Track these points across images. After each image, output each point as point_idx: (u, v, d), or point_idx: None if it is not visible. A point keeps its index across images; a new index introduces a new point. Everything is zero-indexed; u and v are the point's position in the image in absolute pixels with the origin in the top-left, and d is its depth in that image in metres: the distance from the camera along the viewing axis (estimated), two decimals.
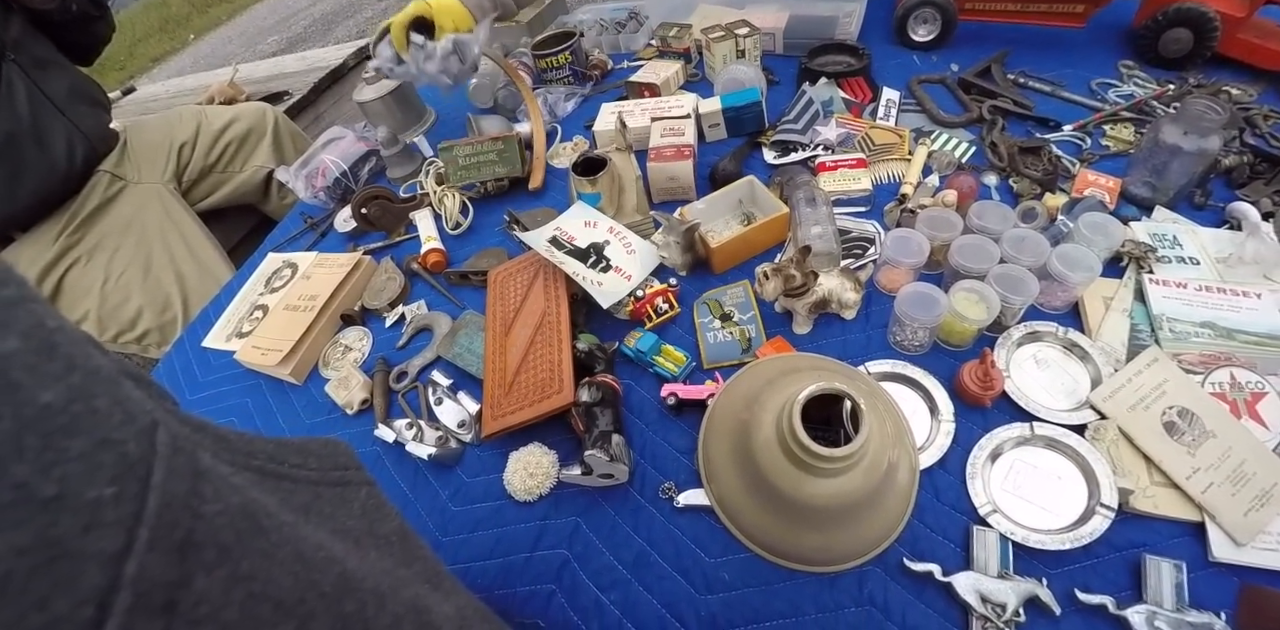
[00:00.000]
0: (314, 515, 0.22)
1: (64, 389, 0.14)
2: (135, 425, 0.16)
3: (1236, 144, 0.74)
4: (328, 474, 0.24)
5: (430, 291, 0.75)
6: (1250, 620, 0.43)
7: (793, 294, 0.59)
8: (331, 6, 5.00)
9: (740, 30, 0.92)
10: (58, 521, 0.13)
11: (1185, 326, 0.57)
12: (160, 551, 0.14)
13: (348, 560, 0.21)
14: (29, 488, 0.13)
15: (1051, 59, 0.91)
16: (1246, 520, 0.47)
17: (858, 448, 0.40)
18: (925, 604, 0.45)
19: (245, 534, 0.17)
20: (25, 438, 0.13)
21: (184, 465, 0.16)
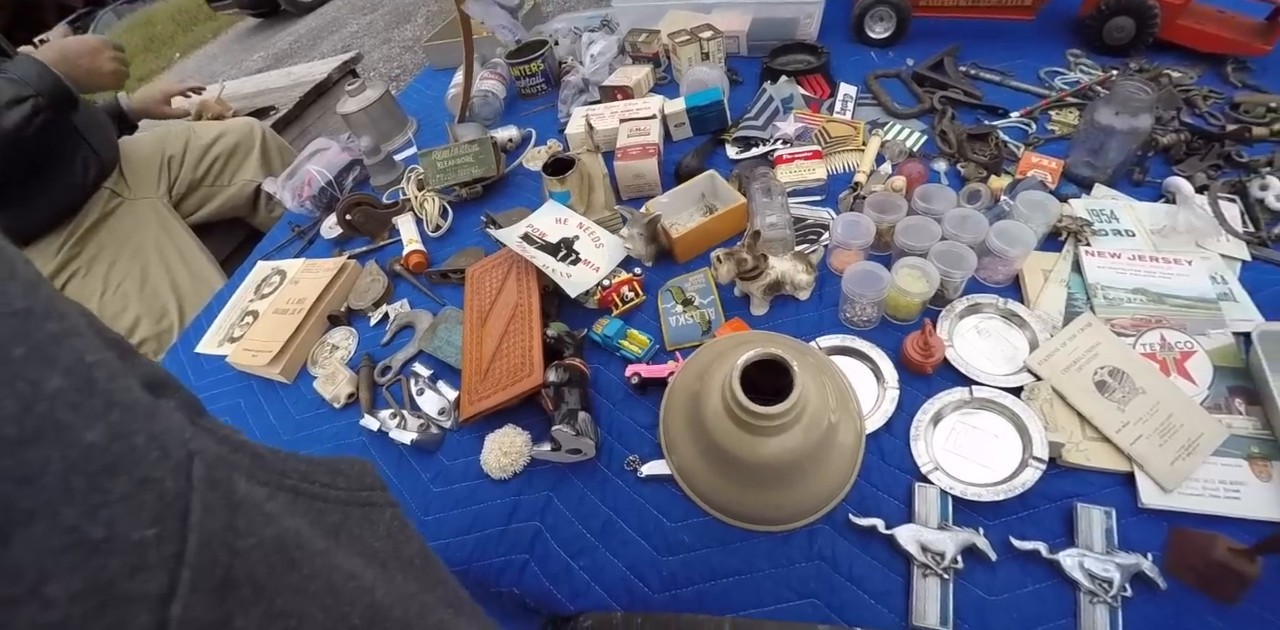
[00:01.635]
0: (344, 536, 0.23)
1: (105, 427, 0.15)
2: (171, 460, 0.16)
3: (1175, 123, 0.80)
4: (355, 494, 0.25)
5: (412, 291, 0.81)
6: (1176, 559, 0.47)
7: (747, 277, 0.64)
8: (317, 22, 5.15)
9: (704, 34, 0.98)
10: (107, 565, 0.13)
11: (1118, 293, 0.62)
12: (202, 592, 0.15)
13: (376, 589, 0.21)
14: (80, 531, 0.13)
15: (1003, 50, 0.97)
16: (1173, 468, 0.51)
17: (791, 405, 0.44)
18: (870, 556, 0.50)
19: (278, 568, 0.18)
20: (73, 480, 0.13)
21: (219, 499, 0.17)
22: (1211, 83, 0.88)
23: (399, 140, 1.02)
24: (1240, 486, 0.51)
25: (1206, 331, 0.59)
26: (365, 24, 4.60)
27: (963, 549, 0.48)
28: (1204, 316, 0.60)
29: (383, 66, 3.63)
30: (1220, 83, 0.88)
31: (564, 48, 1.15)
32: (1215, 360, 0.57)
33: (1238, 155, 0.76)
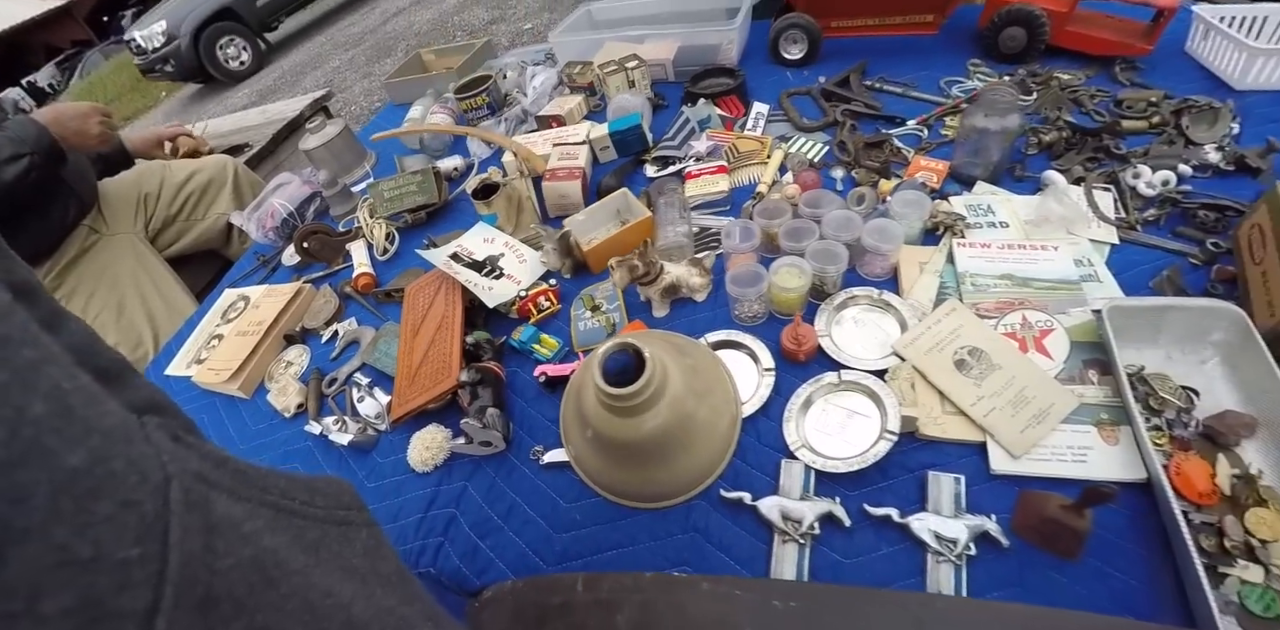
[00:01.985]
0: (323, 552, 0.23)
1: (86, 452, 0.15)
2: (150, 484, 0.16)
3: (1060, 121, 0.85)
4: (333, 513, 0.25)
5: (360, 310, 0.89)
6: (1021, 520, 0.52)
7: (644, 282, 0.70)
8: (301, 58, 5.43)
9: (630, 64, 1.08)
10: (96, 582, 0.14)
11: (986, 280, 0.67)
12: (184, 609, 0.15)
13: (354, 605, 0.22)
14: (70, 550, 0.14)
15: (909, 63, 1.05)
16: (1023, 436, 0.55)
17: (642, 385, 0.51)
18: (739, 526, 0.54)
19: (257, 587, 0.18)
20: (61, 501, 0.14)
21: (197, 521, 0.17)
22: (1102, 83, 0.94)
23: (358, 173, 1.12)
24: (1088, 451, 0.55)
25: (1067, 310, 0.64)
26: (347, 60, 4.85)
27: (820, 516, 0.53)
28: (1066, 297, 0.65)
29: (363, 100, 3.83)
30: (1110, 82, 0.94)
31: (511, 81, 1.25)
32: (1073, 336, 0.62)
33: (1116, 148, 0.81)
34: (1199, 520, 0.51)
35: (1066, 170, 0.80)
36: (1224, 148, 0.79)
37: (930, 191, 0.79)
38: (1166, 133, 0.82)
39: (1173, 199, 0.74)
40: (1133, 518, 0.52)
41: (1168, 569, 0.48)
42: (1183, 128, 0.82)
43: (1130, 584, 0.49)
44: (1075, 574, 0.50)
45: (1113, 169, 0.78)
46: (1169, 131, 0.83)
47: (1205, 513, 0.51)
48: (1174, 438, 0.55)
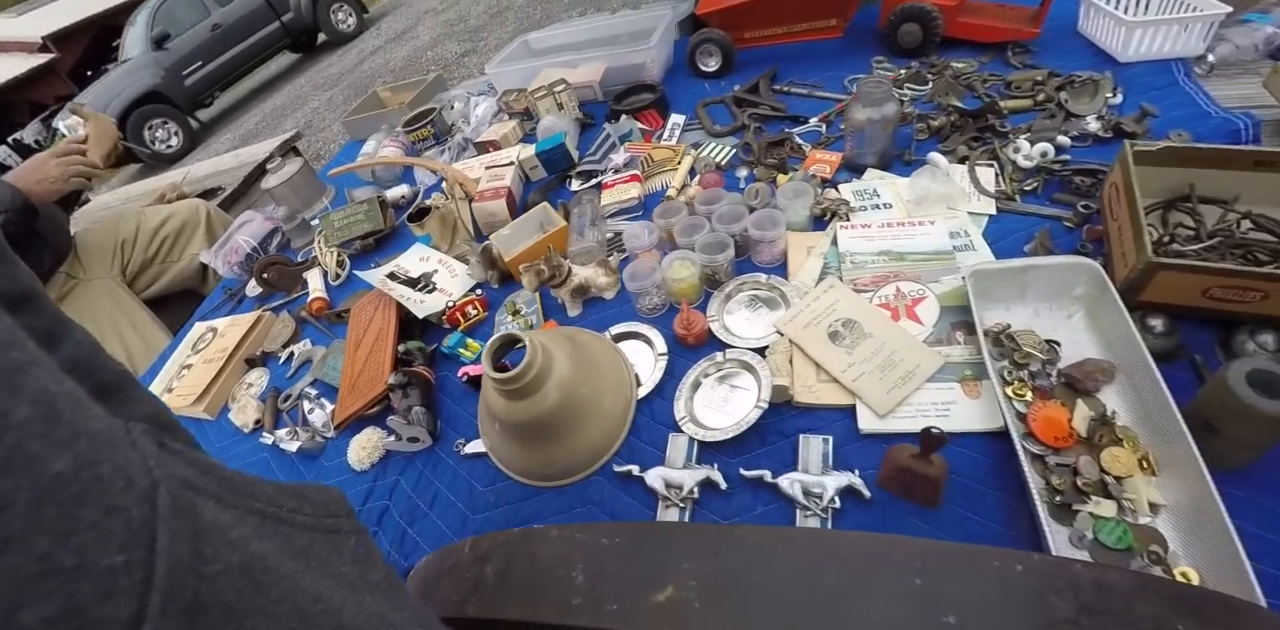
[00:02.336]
0: (311, 559, 0.23)
1: (72, 457, 0.15)
2: (136, 489, 0.16)
3: (948, 107, 0.91)
4: (321, 521, 0.25)
5: (315, 332, 0.97)
6: (884, 473, 0.56)
7: (554, 285, 0.77)
8: (281, 101, 5.66)
9: (557, 88, 1.17)
10: (79, 591, 0.14)
11: (864, 257, 0.73)
12: (171, 616, 0.15)
13: (344, 611, 0.22)
14: (53, 559, 0.13)
15: (818, 66, 1.12)
16: (888, 396, 0.60)
17: (522, 369, 0.56)
18: (629, 496, 0.59)
19: (246, 592, 0.18)
20: (44, 509, 0.14)
21: (184, 526, 0.17)
22: (997, 68, 1.00)
23: (318, 207, 1.22)
24: (951, 406, 0.59)
25: (940, 279, 0.69)
26: (325, 100, 5.08)
27: (699, 482, 0.57)
28: (939, 267, 0.70)
29: (340, 138, 4.02)
30: (1005, 66, 1.00)
31: (458, 111, 1.35)
32: (944, 302, 0.67)
33: (1001, 126, 0.87)
34: (1055, 462, 0.55)
35: (951, 151, 0.85)
36: (1104, 117, 0.84)
37: (822, 182, 0.85)
38: (1048, 108, 0.88)
39: (1049, 168, 0.79)
40: (993, 465, 0.56)
41: (1024, 511, 0.52)
42: (1062, 102, 0.88)
43: (988, 526, 0.52)
44: (936, 520, 0.54)
45: (994, 146, 0.84)
46: (1050, 107, 0.88)
47: (1063, 455, 0.55)
48: (1036, 388, 0.59)
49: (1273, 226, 0.64)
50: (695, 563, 0.39)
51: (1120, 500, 0.52)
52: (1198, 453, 0.49)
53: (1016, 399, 0.58)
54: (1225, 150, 0.66)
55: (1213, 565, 0.46)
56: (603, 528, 0.43)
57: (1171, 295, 0.59)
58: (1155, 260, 0.57)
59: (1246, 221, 0.65)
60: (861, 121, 0.83)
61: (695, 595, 0.38)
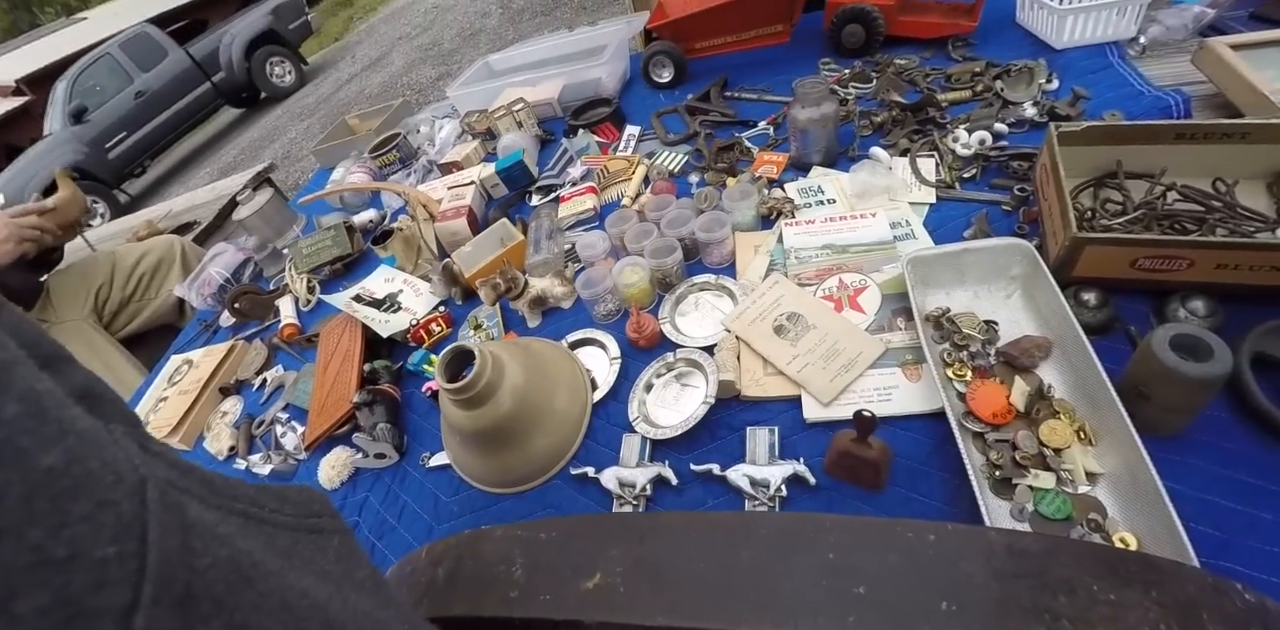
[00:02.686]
0: (296, 558, 0.24)
1: (62, 452, 0.15)
2: (125, 484, 0.17)
3: (890, 103, 0.94)
4: (304, 521, 0.26)
5: (286, 357, 0.99)
6: (830, 458, 0.57)
7: (512, 297, 0.79)
8: (258, 134, 5.75)
9: (516, 106, 1.21)
10: (72, 581, 0.14)
11: (808, 252, 0.75)
12: (164, 606, 0.16)
13: (330, 606, 0.22)
14: (45, 550, 0.14)
15: (768, 71, 1.16)
16: (831, 384, 0.62)
17: (470, 379, 0.59)
18: (586, 498, 0.61)
19: (235, 586, 0.19)
20: (36, 502, 0.14)
21: (174, 521, 0.18)
22: (940, 62, 1.04)
23: (290, 235, 1.26)
24: (893, 390, 0.61)
25: (881, 268, 0.71)
26: (303, 129, 5.16)
27: (652, 479, 0.59)
28: (881, 257, 0.73)
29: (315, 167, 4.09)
30: (947, 60, 1.03)
31: (424, 135, 1.39)
32: (885, 290, 0.69)
33: (941, 118, 0.90)
34: (994, 438, 0.56)
35: (893, 144, 0.88)
36: (1039, 103, 0.87)
37: (769, 182, 0.88)
38: (986, 98, 0.91)
39: (986, 155, 0.81)
40: (935, 445, 0.57)
41: (966, 489, 0.53)
42: (999, 91, 0.91)
43: (932, 505, 0.54)
44: (880, 503, 0.55)
45: (934, 137, 0.87)
46: (988, 96, 0.91)
47: (1002, 431, 0.57)
48: (975, 368, 0.61)
49: (1197, 196, 0.66)
50: (622, 550, 0.41)
51: (1059, 471, 0.53)
52: (1128, 420, 0.50)
53: (957, 380, 0.60)
54: (1146, 126, 0.68)
55: (1149, 529, 0.48)
56: (541, 524, 0.45)
57: (1102, 269, 0.61)
58: (1079, 235, 0.59)
59: (1173, 193, 0.67)
60: (803, 121, 0.86)
61: (620, 580, 0.39)
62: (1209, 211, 0.65)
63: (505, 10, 5.35)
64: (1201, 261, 0.57)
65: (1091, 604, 0.37)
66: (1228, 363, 0.48)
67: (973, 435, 0.56)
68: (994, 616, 0.36)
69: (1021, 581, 0.37)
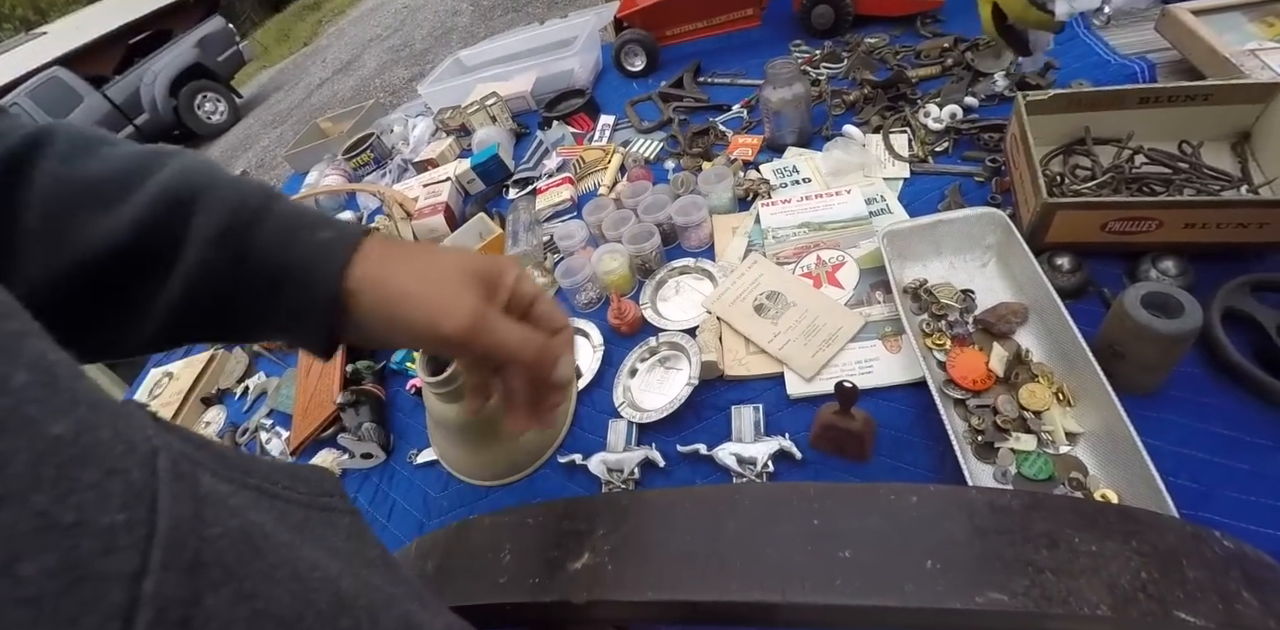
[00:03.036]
0: (308, 533, 0.24)
1: (71, 422, 0.16)
2: (137, 454, 0.17)
3: (861, 81, 0.95)
4: (316, 499, 0.26)
5: (268, 363, 0.99)
6: (815, 432, 0.58)
7: None
8: (229, 142, 5.68)
9: (489, 101, 1.20)
10: (79, 545, 0.14)
11: (786, 231, 0.76)
12: (173, 571, 0.16)
13: (341, 579, 0.22)
14: (50, 516, 0.14)
15: (740, 55, 1.16)
16: (813, 360, 0.62)
17: (453, 371, 0.59)
18: (575, 485, 0.62)
19: (245, 555, 0.19)
20: (42, 469, 0.14)
21: (185, 490, 0.18)
22: (910, 39, 1.05)
23: None
24: (874, 362, 0.62)
25: (858, 243, 0.72)
26: (276, 137, 5.12)
27: (639, 463, 0.60)
28: (857, 232, 0.73)
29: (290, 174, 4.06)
30: (916, 37, 1.04)
31: (398, 134, 1.39)
32: (862, 265, 0.70)
33: (912, 94, 0.91)
34: (975, 404, 0.57)
35: (866, 122, 0.89)
36: (1010, 74, 0.88)
37: (745, 164, 0.88)
38: (956, 72, 0.92)
39: (958, 128, 0.82)
40: (918, 414, 0.58)
41: (951, 455, 0.54)
42: (970, 63, 0.92)
43: (918, 473, 0.55)
44: (866, 473, 0.56)
45: (906, 113, 0.87)
46: (958, 70, 0.92)
47: (983, 397, 0.58)
48: (954, 336, 0.62)
49: (1164, 158, 0.67)
50: (609, 529, 0.41)
51: (1039, 433, 0.54)
52: (1105, 379, 0.52)
53: (936, 349, 0.61)
54: (1110, 91, 0.70)
55: (1129, 484, 0.49)
56: (528, 509, 0.45)
57: (1073, 234, 0.62)
58: (1050, 201, 0.60)
59: (1140, 156, 0.69)
60: (775, 103, 0.86)
61: (608, 559, 0.40)
62: (1175, 173, 0.66)
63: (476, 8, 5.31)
64: (1170, 222, 0.59)
65: (1073, 556, 0.37)
66: (1198, 318, 0.49)
67: (954, 402, 0.57)
68: (977, 572, 0.36)
69: (1003, 537, 0.38)
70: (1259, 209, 0.55)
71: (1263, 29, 0.82)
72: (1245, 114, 0.67)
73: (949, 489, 0.41)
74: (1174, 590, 0.36)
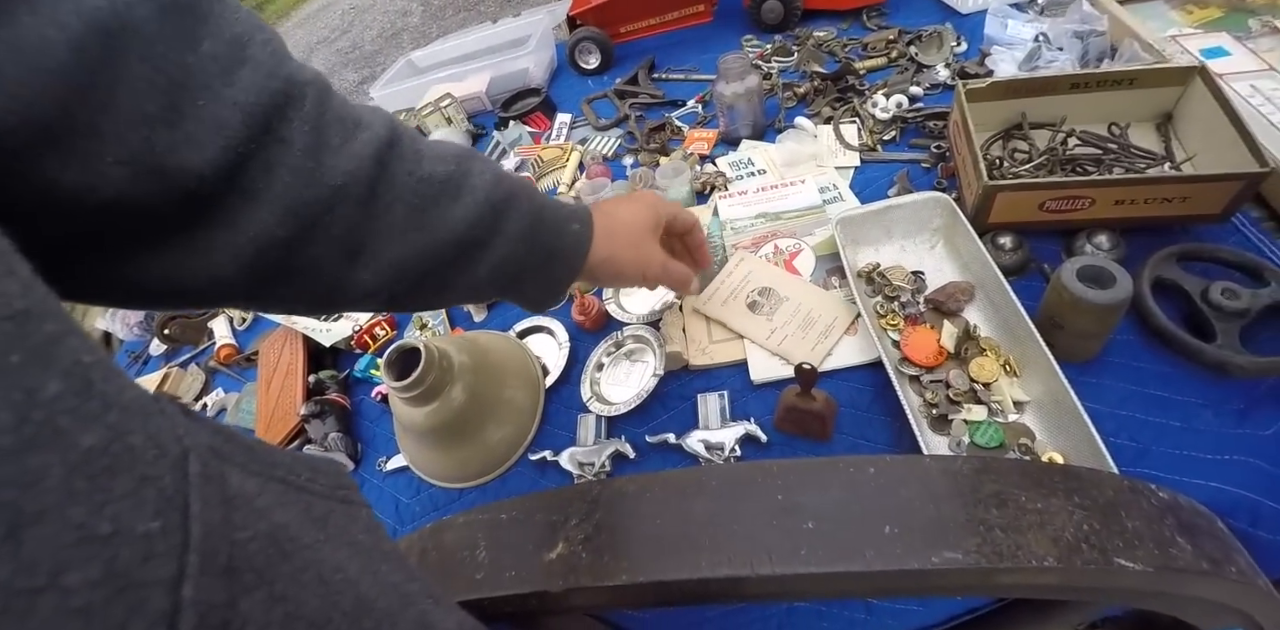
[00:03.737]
0: (330, 527, 0.24)
1: (104, 430, 0.16)
2: (168, 458, 0.17)
3: (811, 74, 0.98)
4: (335, 491, 0.27)
5: (226, 379, 0.96)
6: (779, 415, 0.60)
7: None
8: None
9: (444, 103, 1.20)
10: (119, 555, 0.15)
11: (743, 222, 0.78)
12: (209, 576, 0.16)
13: (361, 582, 0.23)
14: (88, 527, 0.14)
15: (693, 51, 1.18)
16: (814, 352, 0.64)
17: (419, 375, 0.59)
18: (549, 481, 0.62)
19: (274, 558, 0.19)
20: (75, 482, 0.14)
21: (215, 494, 0.18)
22: (857, 32, 1.08)
23: None
24: (833, 346, 0.64)
25: (813, 231, 0.75)
26: None
27: (610, 456, 0.61)
28: (811, 220, 0.76)
29: None
30: (863, 30, 1.08)
31: None
32: (818, 252, 0.72)
33: (860, 86, 0.94)
34: (928, 379, 0.60)
35: (817, 113, 0.92)
36: (950, 65, 0.92)
37: (701, 158, 0.90)
38: (900, 64, 0.96)
39: (904, 118, 0.86)
40: (876, 392, 0.61)
41: (908, 429, 0.57)
42: (913, 56, 0.96)
43: (878, 448, 0.57)
44: (829, 451, 0.58)
45: (854, 104, 0.91)
46: (903, 62, 0.96)
47: (935, 372, 0.61)
48: (907, 316, 0.65)
49: (1095, 140, 0.72)
50: (581, 518, 0.42)
51: (989, 404, 0.57)
52: (1047, 350, 0.55)
53: (891, 329, 0.64)
54: (1043, 79, 0.74)
55: (1074, 447, 0.52)
56: (501, 505, 0.46)
57: (1014, 214, 0.66)
58: (990, 183, 0.63)
59: (1073, 139, 0.73)
60: (729, 97, 0.88)
61: (581, 547, 0.41)
62: (1105, 153, 0.71)
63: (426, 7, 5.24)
64: (1101, 199, 0.63)
65: (1021, 513, 0.40)
66: (1129, 288, 0.53)
67: (909, 379, 0.60)
68: (933, 534, 0.39)
69: (956, 500, 0.40)
70: (1182, 184, 0.59)
71: (1183, 16, 0.88)
72: (1167, 96, 0.72)
73: (905, 458, 0.43)
74: (1114, 539, 0.38)
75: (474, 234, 0.39)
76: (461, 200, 0.38)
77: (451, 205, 0.38)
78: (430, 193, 0.37)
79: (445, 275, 0.40)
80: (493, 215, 0.39)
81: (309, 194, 0.33)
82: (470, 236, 0.39)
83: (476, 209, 0.38)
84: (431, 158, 0.38)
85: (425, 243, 0.37)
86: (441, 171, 0.38)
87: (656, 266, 0.53)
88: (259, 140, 0.31)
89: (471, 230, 0.38)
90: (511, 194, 0.41)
